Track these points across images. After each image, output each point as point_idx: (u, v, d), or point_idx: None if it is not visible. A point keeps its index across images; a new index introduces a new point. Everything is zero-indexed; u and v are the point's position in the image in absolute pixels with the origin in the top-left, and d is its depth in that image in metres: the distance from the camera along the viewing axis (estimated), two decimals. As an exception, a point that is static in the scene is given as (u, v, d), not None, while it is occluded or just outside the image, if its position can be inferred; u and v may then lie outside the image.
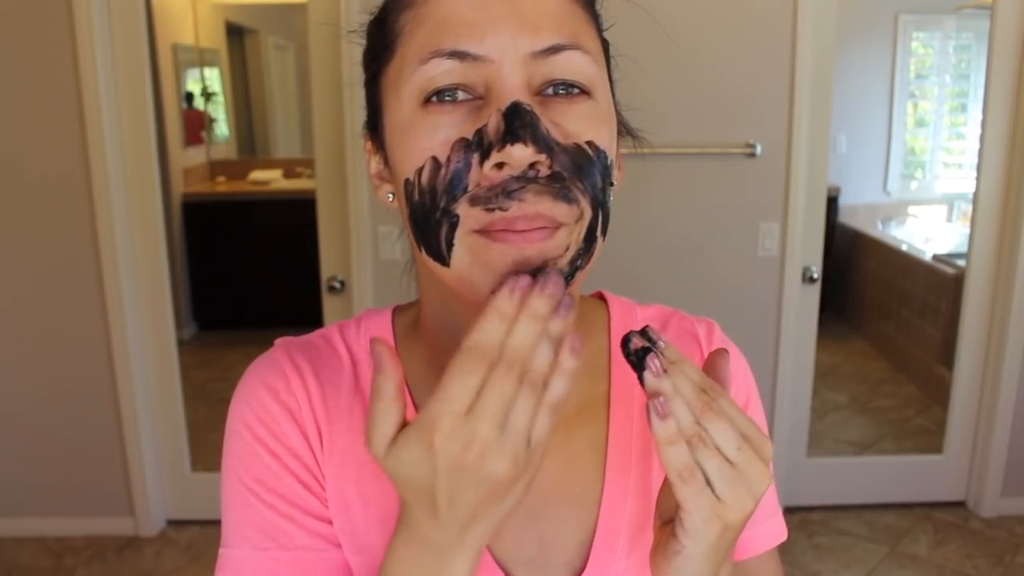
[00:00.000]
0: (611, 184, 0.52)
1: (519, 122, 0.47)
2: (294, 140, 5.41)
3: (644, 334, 0.50)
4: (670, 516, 0.53)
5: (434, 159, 0.49)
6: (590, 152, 0.50)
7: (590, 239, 0.50)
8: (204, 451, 2.71)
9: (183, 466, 2.64)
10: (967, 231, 2.71)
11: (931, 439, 3.00)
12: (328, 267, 2.44)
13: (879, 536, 2.60)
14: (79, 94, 2.27)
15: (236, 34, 5.08)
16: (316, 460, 0.58)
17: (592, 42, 0.53)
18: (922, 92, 4.75)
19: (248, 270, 4.41)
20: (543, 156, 0.47)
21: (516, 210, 0.47)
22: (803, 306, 2.54)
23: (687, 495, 0.49)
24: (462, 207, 0.48)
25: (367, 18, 0.58)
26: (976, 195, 2.55)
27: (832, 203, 4.16)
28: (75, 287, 2.42)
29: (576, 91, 0.51)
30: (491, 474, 0.44)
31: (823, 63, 2.37)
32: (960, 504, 2.77)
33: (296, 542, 0.57)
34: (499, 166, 0.47)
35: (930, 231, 4.63)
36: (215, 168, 4.88)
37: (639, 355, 0.49)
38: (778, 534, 0.68)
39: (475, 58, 0.49)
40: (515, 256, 0.48)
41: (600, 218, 0.51)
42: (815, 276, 2.51)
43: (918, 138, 4.80)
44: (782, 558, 0.69)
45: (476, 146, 0.48)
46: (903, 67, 4.56)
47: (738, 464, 0.48)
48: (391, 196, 0.57)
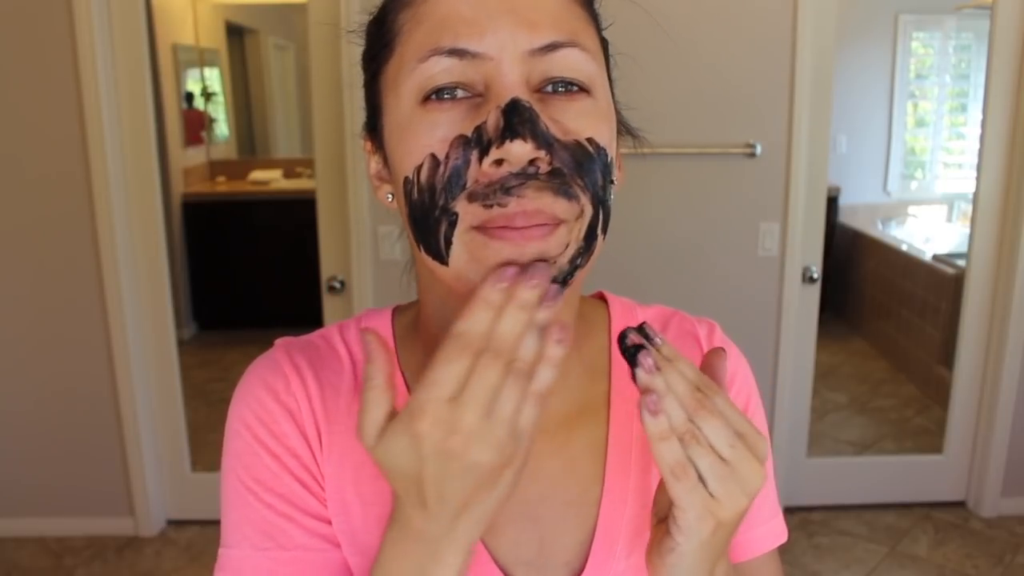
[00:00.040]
0: (611, 182, 0.52)
1: (518, 118, 0.46)
2: (294, 140, 5.41)
3: (641, 331, 0.50)
4: (665, 514, 0.53)
5: (433, 157, 0.49)
6: (590, 149, 0.50)
7: (590, 237, 0.50)
8: (204, 451, 2.71)
9: (183, 466, 2.64)
10: (967, 231, 2.70)
11: (931, 439, 3.00)
12: (328, 267, 2.44)
13: (879, 536, 2.60)
14: (79, 94, 2.27)
15: (236, 34, 5.08)
16: (315, 460, 0.58)
17: (591, 40, 0.53)
18: (922, 92, 4.75)
19: (248, 270, 4.41)
20: (543, 152, 0.47)
21: (515, 206, 0.47)
22: (803, 306, 2.54)
23: (680, 492, 0.49)
24: (460, 204, 0.48)
25: (367, 18, 0.57)
26: (976, 195, 2.55)
27: (832, 203, 4.16)
28: (75, 287, 2.42)
29: (575, 88, 0.51)
30: (476, 462, 0.44)
31: (823, 63, 2.37)
32: (960, 504, 2.77)
33: (295, 542, 0.57)
34: (498, 163, 0.47)
35: (930, 231, 4.63)
36: (215, 168, 4.88)
37: (633, 352, 0.49)
38: (778, 535, 0.68)
39: (474, 55, 0.49)
40: (513, 254, 0.47)
41: (601, 216, 0.51)
42: (815, 276, 2.51)
43: (918, 138, 4.79)
44: (782, 558, 0.69)
45: (475, 143, 0.48)
46: (903, 67, 4.56)
47: (732, 462, 0.48)
48: (390, 196, 0.57)
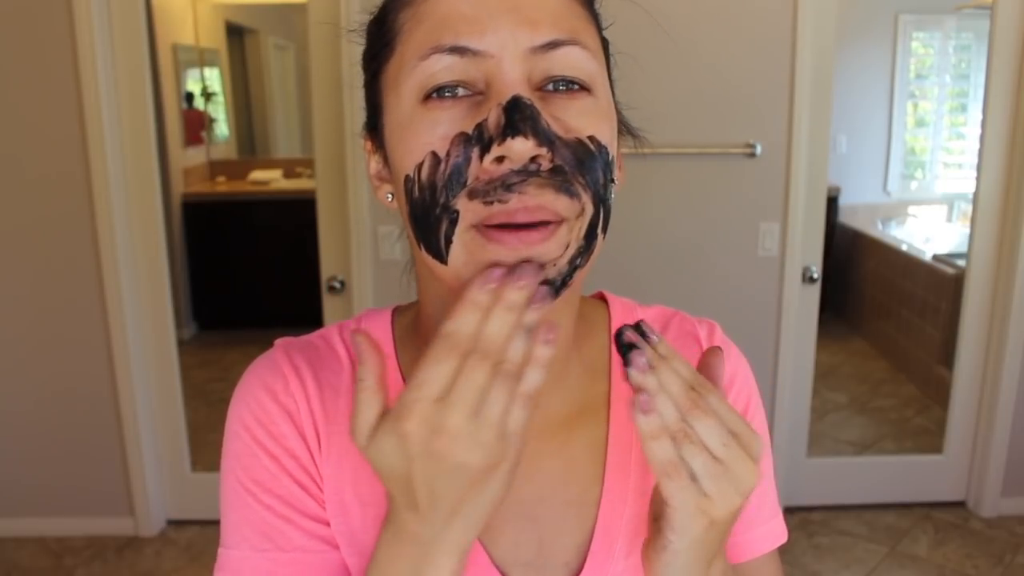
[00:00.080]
0: (612, 181, 0.52)
1: (519, 115, 0.46)
2: (294, 140, 5.40)
3: (638, 328, 0.50)
4: (660, 512, 0.53)
5: (434, 154, 0.49)
6: (592, 147, 0.50)
7: (591, 236, 0.50)
8: (204, 451, 2.71)
9: (183, 466, 2.64)
10: (967, 231, 2.70)
11: (931, 439, 3.00)
12: (328, 267, 2.44)
13: (879, 536, 2.60)
14: (79, 94, 2.27)
15: (236, 34, 5.08)
16: (314, 461, 0.58)
17: (592, 39, 0.53)
18: (922, 92, 4.75)
19: (248, 270, 4.41)
20: (544, 150, 0.47)
21: (517, 202, 0.47)
22: (803, 306, 2.54)
23: (672, 490, 0.49)
24: (461, 201, 0.48)
25: (367, 18, 0.57)
26: (976, 195, 2.55)
27: (832, 203, 4.16)
28: (75, 287, 2.41)
29: (576, 87, 0.51)
30: (463, 463, 0.44)
31: (823, 63, 2.37)
32: (960, 504, 2.76)
33: (294, 543, 0.57)
34: (499, 160, 0.47)
35: (930, 231, 4.63)
36: (215, 168, 4.88)
37: (627, 350, 0.49)
38: (778, 536, 0.68)
39: (475, 53, 0.49)
40: (509, 258, 0.47)
41: (601, 215, 0.51)
42: (815, 276, 2.51)
43: (918, 138, 4.79)
44: (782, 558, 0.69)
45: (476, 140, 0.47)
46: (903, 67, 4.56)
47: (725, 460, 0.48)
48: (390, 196, 0.57)
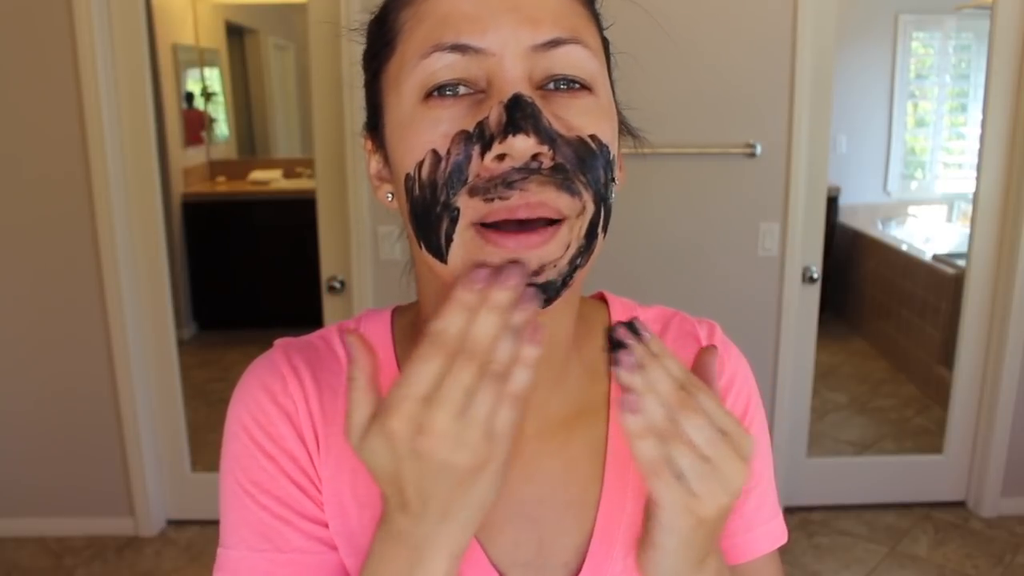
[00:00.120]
0: (613, 180, 0.52)
1: (520, 113, 0.46)
2: (294, 140, 5.40)
3: (631, 326, 0.50)
4: (651, 511, 0.53)
5: (434, 152, 0.49)
6: (593, 146, 0.50)
7: (591, 235, 0.50)
8: (204, 451, 2.71)
9: (183, 466, 2.64)
10: (967, 231, 2.70)
11: (931, 439, 3.00)
12: (328, 267, 2.44)
13: (879, 536, 2.60)
14: (79, 94, 2.27)
15: (236, 34, 5.07)
16: (312, 463, 0.58)
17: (592, 38, 0.53)
18: (922, 92, 4.74)
19: (248, 270, 4.41)
20: (545, 148, 0.47)
21: (518, 199, 0.47)
22: (803, 306, 2.54)
23: (659, 489, 0.49)
24: (462, 199, 0.48)
25: (367, 17, 0.57)
26: (976, 195, 2.55)
27: (832, 203, 4.16)
28: (75, 287, 2.41)
29: (577, 86, 0.51)
30: (449, 462, 0.44)
31: (823, 63, 2.37)
32: (960, 504, 2.76)
33: (292, 544, 0.57)
34: (500, 158, 0.47)
35: (930, 231, 4.63)
36: (215, 168, 4.88)
37: (616, 348, 0.49)
38: (778, 536, 0.68)
39: (476, 51, 0.48)
40: (507, 260, 0.47)
41: (602, 214, 0.51)
42: (815, 276, 2.51)
43: (918, 138, 4.79)
44: (782, 559, 0.68)
45: (477, 138, 0.47)
46: (903, 67, 4.56)
47: (713, 459, 0.48)
48: (390, 196, 0.57)
